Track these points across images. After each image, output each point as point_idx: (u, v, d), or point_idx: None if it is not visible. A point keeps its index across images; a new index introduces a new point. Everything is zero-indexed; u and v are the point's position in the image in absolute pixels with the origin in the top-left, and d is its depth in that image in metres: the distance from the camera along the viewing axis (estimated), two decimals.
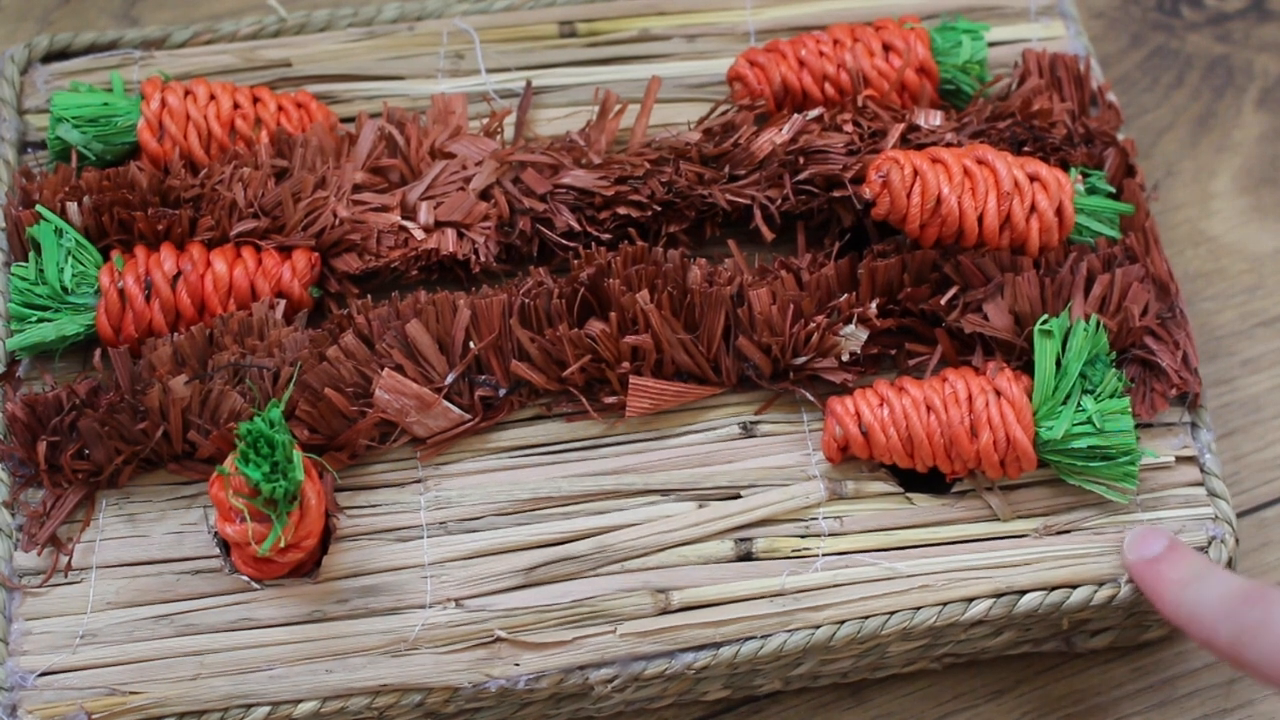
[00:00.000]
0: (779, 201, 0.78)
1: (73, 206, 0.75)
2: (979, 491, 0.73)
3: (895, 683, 0.78)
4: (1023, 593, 0.71)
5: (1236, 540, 0.73)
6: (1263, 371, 0.87)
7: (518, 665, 0.70)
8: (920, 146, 0.77)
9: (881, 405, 0.73)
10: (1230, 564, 0.72)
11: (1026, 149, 0.78)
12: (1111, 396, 0.72)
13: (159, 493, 0.73)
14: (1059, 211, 0.75)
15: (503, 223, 0.78)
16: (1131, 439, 0.71)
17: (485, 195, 0.78)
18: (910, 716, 0.78)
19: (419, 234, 0.77)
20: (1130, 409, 0.72)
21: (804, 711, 0.78)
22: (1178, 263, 0.90)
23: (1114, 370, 0.73)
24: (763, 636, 0.71)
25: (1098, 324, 0.73)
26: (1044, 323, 0.73)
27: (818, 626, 0.71)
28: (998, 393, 0.72)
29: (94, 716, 0.68)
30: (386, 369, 0.73)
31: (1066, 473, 0.73)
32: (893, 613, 0.71)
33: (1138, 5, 1.00)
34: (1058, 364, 0.72)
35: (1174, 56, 0.98)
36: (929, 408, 0.72)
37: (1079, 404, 0.72)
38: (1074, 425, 0.71)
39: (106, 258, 0.75)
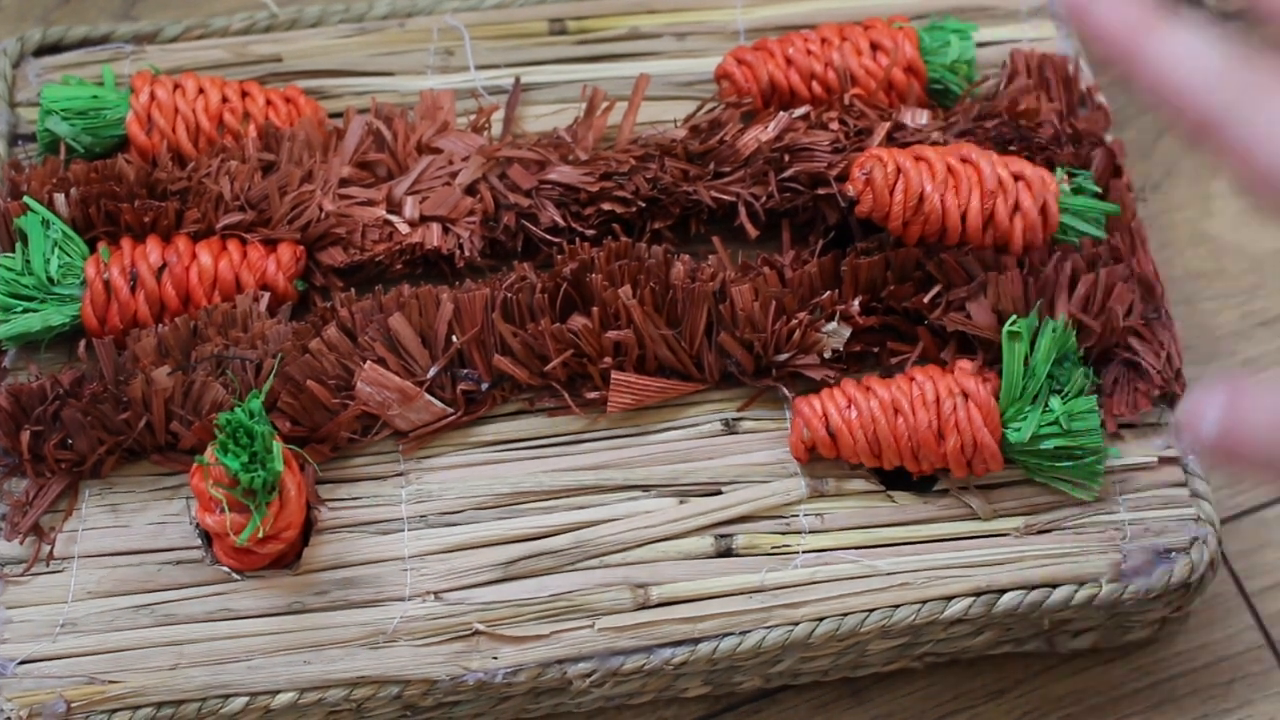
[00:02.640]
0: (764, 199, 0.77)
1: (60, 198, 0.75)
2: (959, 491, 0.73)
3: (895, 683, 0.78)
4: (1003, 591, 0.71)
5: (1219, 542, 0.72)
6: (1263, 372, 0.87)
7: (495, 659, 0.70)
8: (906, 145, 0.77)
9: (849, 407, 0.72)
10: (1211, 566, 0.72)
11: (1012, 148, 0.78)
12: (1079, 395, 0.72)
13: (142, 483, 0.73)
14: (1043, 210, 0.75)
15: (488, 218, 0.78)
16: (1098, 438, 0.71)
17: (471, 190, 0.78)
18: (910, 716, 0.78)
19: (404, 228, 0.77)
20: (1097, 408, 0.71)
21: (804, 711, 0.78)
22: (1177, 263, 0.90)
23: (1082, 368, 0.72)
24: (741, 633, 0.70)
25: (1065, 324, 0.72)
26: (1012, 324, 0.72)
27: (796, 623, 0.71)
28: (965, 395, 0.72)
29: (73, 705, 0.68)
30: (369, 362, 0.73)
31: (1034, 471, 0.73)
32: (871, 610, 0.71)
33: None
34: (1026, 364, 0.72)
35: None
36: (896, 410, 0.72)
37: (1046, 404, 0.72)
38: (1041, 426, 0.71)
39: (93, 249, 0.76)
